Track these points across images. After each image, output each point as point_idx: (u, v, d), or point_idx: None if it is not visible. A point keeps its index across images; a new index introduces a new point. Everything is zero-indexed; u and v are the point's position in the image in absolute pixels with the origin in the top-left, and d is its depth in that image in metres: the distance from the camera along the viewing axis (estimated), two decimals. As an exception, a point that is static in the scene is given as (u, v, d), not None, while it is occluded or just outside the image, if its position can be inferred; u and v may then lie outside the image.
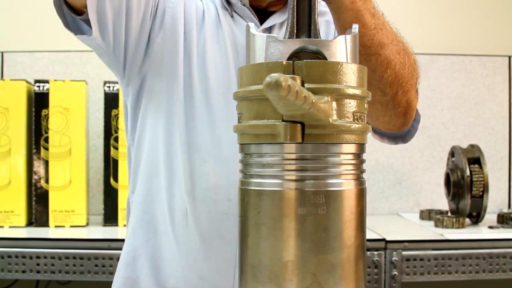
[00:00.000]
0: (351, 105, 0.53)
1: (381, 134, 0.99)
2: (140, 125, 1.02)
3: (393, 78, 0.82)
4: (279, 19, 1.02)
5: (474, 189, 1.75)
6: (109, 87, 1.78)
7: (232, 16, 1.02)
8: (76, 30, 0.93)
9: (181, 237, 0.98)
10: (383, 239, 1.53)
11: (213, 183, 0.96)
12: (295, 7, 0.58)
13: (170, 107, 0.98)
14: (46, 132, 1.74)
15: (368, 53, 0.78)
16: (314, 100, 0.45)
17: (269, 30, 1.02)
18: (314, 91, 0.50)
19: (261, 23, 1.02)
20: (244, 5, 1.01)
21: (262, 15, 1.02)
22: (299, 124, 0.50)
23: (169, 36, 0.99)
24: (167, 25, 0.99)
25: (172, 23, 0.99)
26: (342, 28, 0.76)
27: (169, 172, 0.98)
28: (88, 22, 0.90)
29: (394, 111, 0.87)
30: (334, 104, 0.52)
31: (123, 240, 1.06)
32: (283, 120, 0.50)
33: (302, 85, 0.51)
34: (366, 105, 0.55)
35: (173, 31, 0.99)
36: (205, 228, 0.97)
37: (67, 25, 0.93)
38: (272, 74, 0.39)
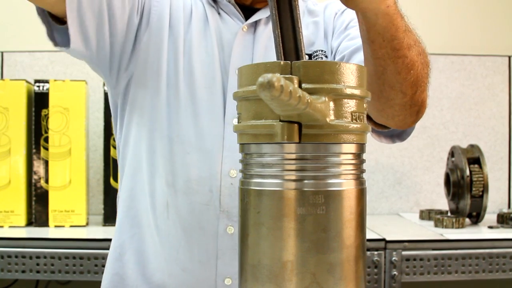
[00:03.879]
0: (349, 105, 0.53)
1: (378, 133, 0.99)
2: (127, 122, 1.04)
3: (415, 79, 0.83)
4: (264, 15, 1.04)
5: (474, 189, 1.75)
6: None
7: (218, 13, 1.05)
8: (59, 40, 0.93)
9: (163, 229, 0.99)
10: (383, 239, 1.53)
11: (195, 175, 0.98)
12: (279, 31, 0.58)
13: (154, 103, 1.00)
14: (46, 132, 1.74)
15: (396, 55, 0.78)
16: (309, 100, 0.45)
17: (255, 25, 1.04)
18: (312, 91, 0.50)
19: (247, 20, 1.04)
20: (229, 1, 1.04)
21: (247, 12, 1.05)
22: (296, 124, 0.50)
23: (154, 34, 1.00)
24: (153, 23, 1.00)
25: (158, 21, 1.01)
26: (377, 34, 0.76)
27: (151, 165, 1.00)
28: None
29: (409, 111, 0.88)
30: (331, 104, 0.52)
31: (123, 240, 1.07)
32: (280, 120, 0.50)
33: (300, 85, 0.51)
34: (365, 105, 0.55)
35: (158, 29, 1.00)
36: (186, 220, 0.98)
37: (51, 35, 0.92)
38: (265, 74, 0.39)
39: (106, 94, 1.78)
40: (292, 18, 0.59)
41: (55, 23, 0.90)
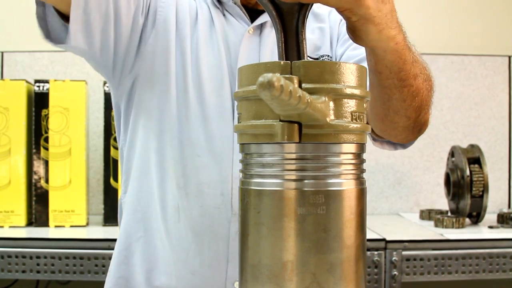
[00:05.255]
0: (349, 105, 0.53)
1: (381, 141, 1.00)
2: (132, 125, 1.03)
3: (419, 104, 0.84)
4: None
5: (474, 189, 1.75)
6: (109, 87, 1.78)
7: (224, 15, 1.04)
8: (60, 37, 0.92)
9: (173, 232, 0.98)
10: (383, 239, 1.53)
11: (206, 178, 0.97)
12: (283, 41, 0.58)
13: (162, 105, 0.99)
14: (46, 132, 1.74)
15: (402, 85, 0.79)
16: (309, 100, 0.45)
17: (260, 27, 1.04)
18: (312, 91, 0.50)
19: (252, 21, 1.03)
20: (235, 3, 1.03)
21: (252, 13, 1.04)
22: (296, 124, 0.50)
23: (161, 36, 0.99)
24: (159, 25, 0.99)
25: (164, 22, 1.00)
26: (384, 67, 0.76)
27: (160, 168, 0.99)
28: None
29: (412, 130, 0.90)
30: (331, 104, 0.52)
31: (123, 240, 1.06)
32: (280, 120, 0.50)
33: (300, 85, 0.51)
34: (365, 105, 0.55)
35: (165, 30, 0.99)
36: (197, 223, 0.97)
37: (48, 35, 0.91)
38: (265, 74, 0.39)
39: (106, 94, 1.79)
40: (298, 51, 0.60)
41: (61, 20, 0.89)
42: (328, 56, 1.05)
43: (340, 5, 0.61)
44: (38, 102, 1.74)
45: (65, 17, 0.89)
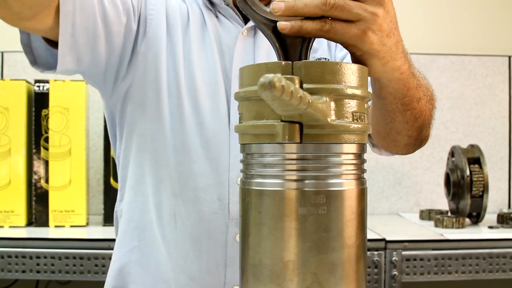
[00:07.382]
0: (350, 105, 0.53)
1: (378, 148, 1.00)
2: (127, 133, 1.01)
3: (421, 124, 0.85)
4: None
5: (474, 189, 1.75)
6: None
7: (216, 17, 1.02)
8: (47, 62, 0.90)
9: (170, 240, 0.97)
10: (383, 239, 1.53)
11: (203, 183, 0.96)
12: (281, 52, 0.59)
13: (155, 112, 0.97)
14: (46, 132, 1.74)
15: (405, 109, 0.80)
16: (310, 100, 0.45)
17: (254, 29, 1.02)
18: (313, 92, 0.50)
19: (246, 23, 1.02)
20: (227, 5, 1.01)
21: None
22: (297, 124, 0.50)
23: (152, 44, 0.97)
24: (150, 33, 0.97)
25: (155, 29, 0.98)
26: (388, 93, 0.76)
27: (155, 176, 0.98)
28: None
29: (413, 146, 0.92)
30: (332, 104, 0.52)
31: (123, 240, 1.06)
32: (281, 120, 0.50)
33: (301, 85, 0.51)
34: (366, 105, 0.55)
35: (155, 37, 0.97)
36: (194, 229, 0.97)
37: (34, 61, 0.90)
38: (266, 75, 0.39)
39: (106, 94, 1.79)
40: None
41: (47, 44, 0.87)
42: (325, 58, 1.05)
43: (344, 41, 0.61)
44: (38, 102, 1.74)
45: (50, 41, 0.87)
